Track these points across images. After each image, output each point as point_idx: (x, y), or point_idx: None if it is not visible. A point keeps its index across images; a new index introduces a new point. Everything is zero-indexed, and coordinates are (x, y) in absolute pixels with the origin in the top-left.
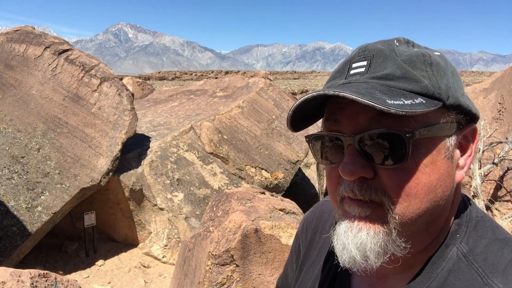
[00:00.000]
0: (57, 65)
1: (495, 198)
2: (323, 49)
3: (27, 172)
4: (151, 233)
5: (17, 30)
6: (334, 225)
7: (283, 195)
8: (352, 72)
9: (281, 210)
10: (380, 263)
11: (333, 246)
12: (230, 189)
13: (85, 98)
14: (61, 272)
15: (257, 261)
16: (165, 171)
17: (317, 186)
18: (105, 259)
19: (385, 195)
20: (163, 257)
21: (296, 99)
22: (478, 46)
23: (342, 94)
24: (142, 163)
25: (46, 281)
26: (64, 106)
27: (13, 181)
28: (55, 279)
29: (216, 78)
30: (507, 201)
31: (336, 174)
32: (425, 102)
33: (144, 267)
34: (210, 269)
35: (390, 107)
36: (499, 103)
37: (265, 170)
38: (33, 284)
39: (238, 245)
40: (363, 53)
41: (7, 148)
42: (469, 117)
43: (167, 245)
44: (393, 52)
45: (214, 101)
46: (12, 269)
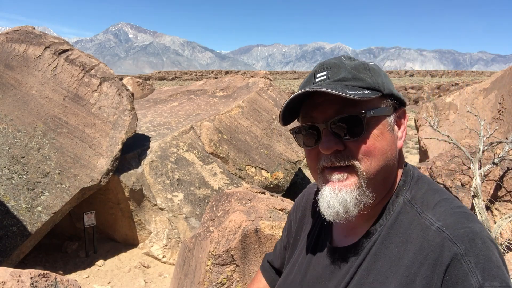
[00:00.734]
0: (57, 65)
1: (495, 198)
2: (323, 49)
3: (27, 172)
4: (151, 233)
5: (17, 30)
6: (319, 191)
7: (283, 195)
8: (317, 80)
9: (281, 210)
10: (357, 211)
11: (319, 207)
12: (230, 189)
13: (85, 98)
14: (61, 272)
15: (257, 261)
16: (165, 171)
17: None
18: (105, 259)
19: (355, 159)
20: (163, 257)
21: None
22: (478, 46)
23: (319, 89)
24: (142, 163)
25: (46, 281)
26: (64, 106)
27: (13, 181)
28: (55, 279)
29: (216, 78)
30: (507, 201)
31: (314, 153)
32: (370, 92)
33: (144, 267)
34: (210, 269)
35: (350, 95)
36: (499, 103)
37: (265, 170)
38: (33, 284)
39: (238, 245)
40: (323, 67)
41: (7, 148)
42: (400, 103)
43: (167, 245)
44: (343, 63)
45: (214, 101)
46: (12, 269)
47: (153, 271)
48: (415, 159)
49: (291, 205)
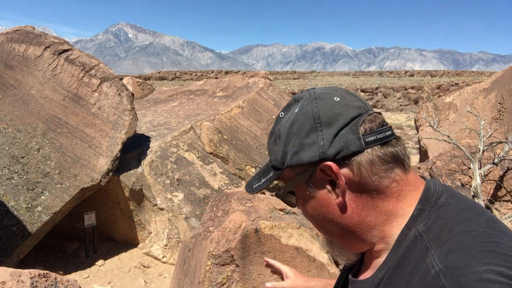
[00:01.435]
0: (57, 65)
1: (495, 198)
2: (323, 49)
3: (27, 172)
4: (151, 233)
5: (17, 30)
6: None
7: None
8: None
9: (281, 210)
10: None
11: None
12: (230, 189)
13: (85, 98)
14: (61, 272)
15: (257, 261)
16: (165, 171)
17: None
18: (105, 259)
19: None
20: (163, 257)
21: None
22: (478, 46)
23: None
24: (142, 163)
25: (46, 281)
26: (64, 106)
27: (13, 181)
28: (55, 279)
29: (216, 78)
30: (507, 201)
31: None
32: (272, 174)
33: (144, 267)
34: (210, 269)
35: (252, 191)
36: (499, 103)
37: None
38: (33, 284)
39: (238, 245)
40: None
41: (7, 148)
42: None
43: (167, 245)
44: (272, 134)
45: (214, 101)
46: (12, 269)
47: (153, 271)
48: (415, 159)
49: None
